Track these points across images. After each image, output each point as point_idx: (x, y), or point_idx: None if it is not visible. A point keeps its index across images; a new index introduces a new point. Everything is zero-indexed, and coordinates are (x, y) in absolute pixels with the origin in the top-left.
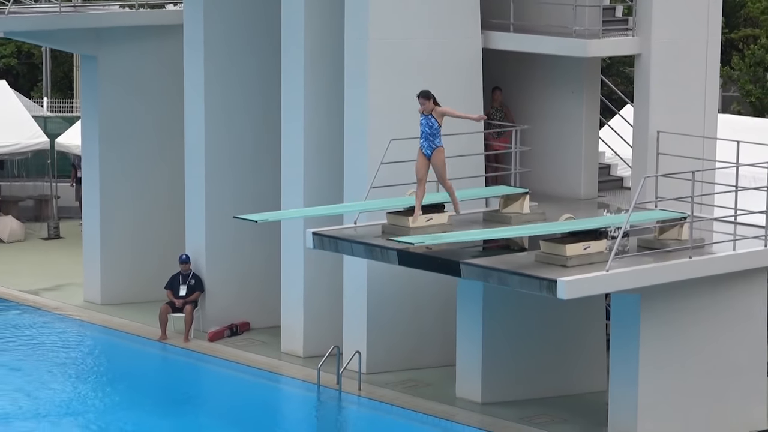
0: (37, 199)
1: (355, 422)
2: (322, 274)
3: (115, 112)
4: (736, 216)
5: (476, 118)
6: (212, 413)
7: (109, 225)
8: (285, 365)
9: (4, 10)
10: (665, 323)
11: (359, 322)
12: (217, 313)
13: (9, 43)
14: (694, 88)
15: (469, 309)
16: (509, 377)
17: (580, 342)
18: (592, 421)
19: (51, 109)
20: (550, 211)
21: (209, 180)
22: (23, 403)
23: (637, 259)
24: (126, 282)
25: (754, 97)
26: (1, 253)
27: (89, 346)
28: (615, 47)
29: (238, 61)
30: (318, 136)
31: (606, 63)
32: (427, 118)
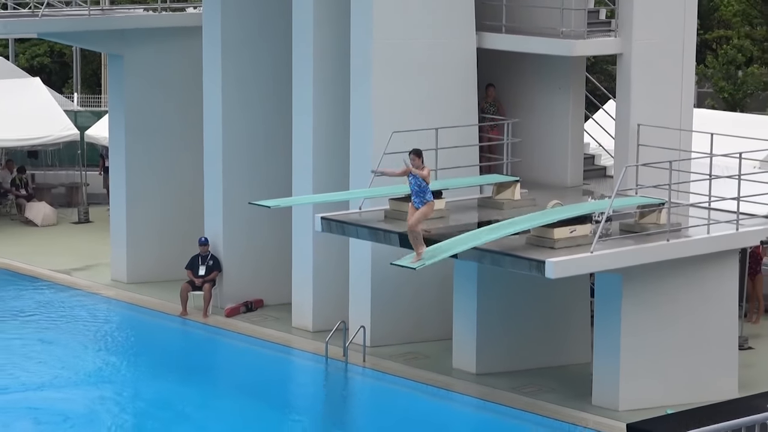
0: (68, 187)
1: (360, 391)
2: (330, 255)
3: (139, 106)
4: (710, 202)
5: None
6: (229, 382)
7: (134, 210)
8: (296, 339)
9: (38, 13)
10: (645, 301)
11: (364, 299)
12: (233, 291)
13: (42, 43)
14: (671, 84)
15: (465, 287)
16: (502, 350)
17: (567, 318)
18: (577, 390)
19: (81, 104)
20: (539, 197)
21: (226, 169)
22: (57, 372)
23: (619, 241)
24: (150, 262)
25: (727, 93)
26: (35, 236)
27: (116, 321)
28: (599, 47)
29: (253, 60)
30: (326, 128)
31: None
32: (415, 177)
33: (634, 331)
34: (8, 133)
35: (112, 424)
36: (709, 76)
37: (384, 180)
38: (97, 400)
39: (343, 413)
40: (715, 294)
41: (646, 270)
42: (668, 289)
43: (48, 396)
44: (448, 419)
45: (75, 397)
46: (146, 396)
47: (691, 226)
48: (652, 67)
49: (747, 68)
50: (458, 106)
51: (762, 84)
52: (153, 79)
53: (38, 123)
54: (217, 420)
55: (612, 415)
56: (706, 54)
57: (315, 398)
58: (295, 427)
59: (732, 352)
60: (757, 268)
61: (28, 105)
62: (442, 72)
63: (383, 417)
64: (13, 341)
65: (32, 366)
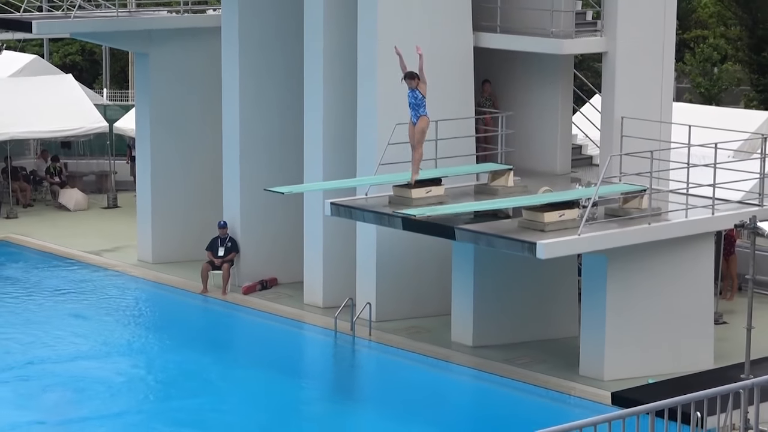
0: (98, 174)
1: (366, 363)
2: (338, 237)
3: (163, 100)
4: (687, 189)
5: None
6: (246, 354)
7: (158, 196)
8: (307, 314)
9: (70, 15)
10: (628, 279)
11: (370, 278)
12: (250, 270)
13: (74, 42)
14: (652, 80)
15: (463, 267)
16: (496, 324)
17: (556, 295)
18: (566, 361)
19: (110, 99)
20: (530, 184)
21: (243, 158)
22: (88, 345)
23: (604, 225)
24: (173, 244)
25: (703, 88)
26: (68, 220)
27: (143, 298)
28: (585, 46)
29: (268, 58)
30: (335, 121)
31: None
32: (412, 91)
33: (617, 307)
34: (43, 126)
35: (141, 392)
36: (687, 73)
37: (388, 168)
38: (126, 370)
39: (351, 382)
40: (693, 273)
41: (629, 251)
42: (649, 269)
43: (82, 366)
44: (447, 388)
45: (107, 367)
46: (171, 366)
47: (670, 210)
48: (635, 64)
49: (722, 65)
50: (456, 100)
51: (735, 80)
52: (176, 76)
53: (71, 116)
54: (235, 387)
55: (598, 384)
56: (684, 52)
57: (325, 369)
58: (307, 395)
59: (708, 327)
60: (731, 249)
61: (62, 100)
62: (441, 69)
63: (387, 386)
64: (50, 316)
65: (68, 338)
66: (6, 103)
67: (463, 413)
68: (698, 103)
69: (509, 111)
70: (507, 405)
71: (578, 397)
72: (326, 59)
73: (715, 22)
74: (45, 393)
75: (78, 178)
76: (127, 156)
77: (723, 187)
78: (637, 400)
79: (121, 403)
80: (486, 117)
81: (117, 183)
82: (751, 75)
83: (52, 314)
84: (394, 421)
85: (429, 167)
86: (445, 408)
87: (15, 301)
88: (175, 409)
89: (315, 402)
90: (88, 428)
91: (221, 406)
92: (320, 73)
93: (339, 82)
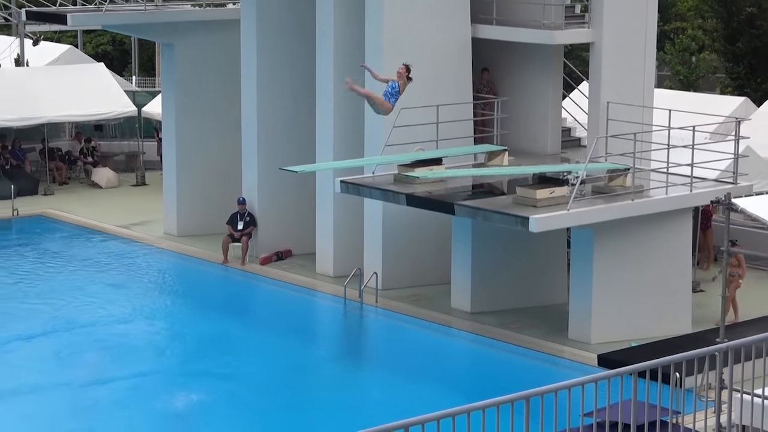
0: (128, 155)
1: (373, 327)
2: (348, 212)
3: (187, 86)
4: (668, 168)
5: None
6: (263, 319)
7: (183, 174)
8: (319, 283)
9: (102, 8)
10: (613, 251)
11: (376, 250)
12: (266, 242)
13: (106, 34)
14: (635, 68)
15: (461, 239)
16: (492, 292)
17: (547, 265)
18: (556, 326)
19: (138, 85)
20: (524, 163)
21: (261, 140)
22: (117, 311)
23: (592, 201)
24: (196, 218)
25: (682, 76)
26: (100, 196)
27: (168, 267)
28: (574, 37)
29: (284, 48)
30: (344, 106)
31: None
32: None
33: (603, 277)
34: (77, 110)
35: (168, 353)
36: (667, 62)
37: (394, 149)
38: (154, 333)
39: (359, 345)
40: (672, 245)
41: (614, 225)
42: (633, 242)
43: (114, 329)
44: (447, 350)
45: (136, 330)
46: (194, 330)
47: (652, 188)
48: (619, 54)
49: (699, 55)
50: (455, 87)
51: (712, 68)
52: (199, 64)
53: (102, 101)
54: (253, 350)
55: (585, 347)
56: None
57: (335, 333)
58: (319, 356)
59: (686, 295)
60: (708, 223)
61: (94, 86)
62: (442, 58)
63: (392, 348)
64: (86, 284)
65: (101, 304)
66: (43, 89)
67: (461, 373)
68: (678, 89)
69: (504, 96)
70: (501, 366)
71: (567, 359)
72: (336, 49)
73: (693, 15)
74: (82, 354)
75: (109, 158)
76: (156, 137)
77: (700, 166)
78: (621, 362)
79: (149, 362)
80: (484, 102)
81: (145, 162)
82: (726, 64)
83: (87, 282)
84: (399, 379)
85: (430, 148)
86: (445, 368)
87: (54, 270)
88: (197, 367)
89: (326, 362)
90: (123, 384)
91: (240, 365)
92: (331, 62)
93: (348, 71)
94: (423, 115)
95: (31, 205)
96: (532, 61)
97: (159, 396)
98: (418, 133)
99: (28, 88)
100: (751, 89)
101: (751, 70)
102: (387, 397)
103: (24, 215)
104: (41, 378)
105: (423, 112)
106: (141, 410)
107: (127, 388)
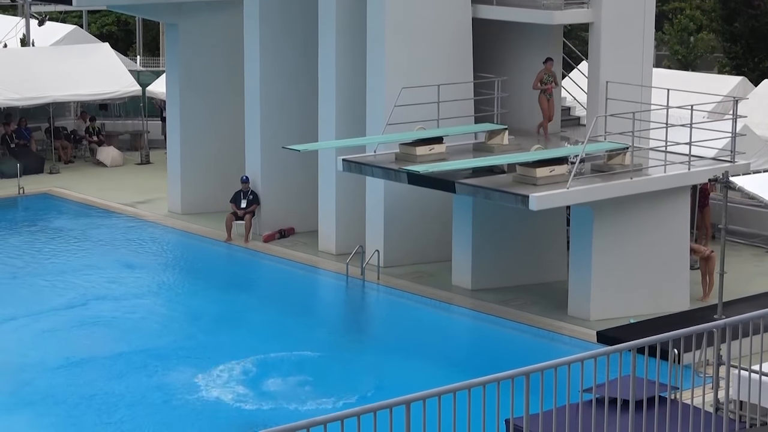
0: (132, 134)
1: (375, 304)
2: (350, 190)
3: (191, 66)
4: (666, 146)
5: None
6: (266, 295)
7: (186, 153)
8: (321, 260)
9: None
10: (612, 229)
11: (378, 227)
12: (269, 220)
13: (111, 14)
14: (634, 48)
15: (462, 217)
16: (493, 269)
17: (547, 243)
18: (555, 303)
19: (142, 65)
20: (524, 142)
21: (264, 119)
22: (123, 286)
23: (591, 179)
24: (200, 197)
25: (680, 56)
26: (106, 175)
27: (172, 245)
28: (574, 17)
29: (286, 27)
30: (346, 85)
31: (567, 29)
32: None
33: (602, 254)
34: (83, 89)
35: (173, 327)
36: (665, 41)
37: (394, 128)
38: (159, 308)
39: (361, 322)
40: (671, 223)
41: (613, 203)
42: (632, 220)
43: (117, 306)
44: (448, 327)
45: (142, 306)
46: (199, 305)
47: (650, 166)
48: (618, 34)
49: (697, 35)
50: (456, 66)
51: (710, 48)
52: (203, 44)
53: (107, 81)
54: (256, 325)
55: (584, 324)
56: (663, 22)
57: (337, 309)
58: (322, 332)
59: (684, 272)
60: (705, 201)
61: (99, 66)
62: (443, 38)
63: (394, 325)
64: (90, 262)
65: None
66: (48, 69)
67: (462, 350)
68: (676, 69)
69: (504, 76)
70: (502, 342)
71: (567, 336)
72: (339, 29)
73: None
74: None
75: (114, 137)
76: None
77: (698, 145)
78: (620, 338)
79: (154, 338)
80: (548, 87)
81: (149, 141)
82: (724, 43)
83: (94, 259)
84: (400, 356)
85: (431, 127)
86: (446, 345)
87: (59, 247)
88: (201, 343)
89: (328, 338)
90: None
91: (243, 341)
92: (333, 42)
93: (350, 50)
94: (424, 95)
95: (36, 184)
96: (531, 41)
97: (164, 371)
98: (420, 112)
99: (34, 68)
100: (748, 69)
101: (748, 50)
102: (388, 373)
103: (30, 193)
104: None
105: (424, 91)
106: (146, 385)
107: (132, 363)
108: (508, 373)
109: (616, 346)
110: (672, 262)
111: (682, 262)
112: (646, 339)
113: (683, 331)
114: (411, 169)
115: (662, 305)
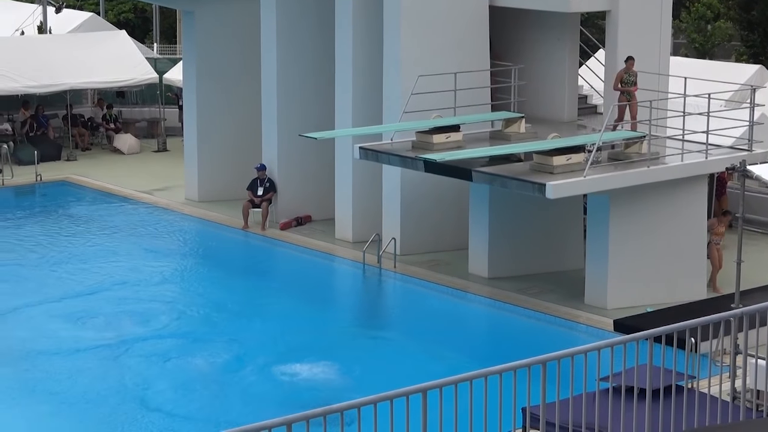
0: (149, 121)
1: (391, 292)
2: (366, 178)
3: (208, 54)
4: (683, 135)
5: None
6: (283, 283)
7: (203, 140)
8: (338, 248)
9: None
10: (629, 218)
11: (395, 216)
12: (286, 208)
13: (127, 1)
14: (651, 36)
15: (479, 206)
16: (509, 258)
17: (564, 231)
18: (572, 291)
19: (159, 52)
20: (540, 130)
21: (280, 107)
22: (141, 273)
23: (607, 168)
24: (217, 184)
25: (698, 44)
26: (123, 162)
27: (190, 232)
28: (591, 4)
29: (302, 15)
30: (363, 73)
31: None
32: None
33: (619, 243)
34: (100, 77)
35: (190, 313)
36: (683, 30)
37: (411, 116)
38: (176, 294)
39: (378, 309)
40: (687, 212)
41: (630, 192)
42: (648, 208)
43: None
44: (464, 315)
45: (159, 292)
46: (216, 292)
47: (667, 155)
48: (636, 22)
49: (715, 23)
50: (473, 54)
51: (727, 36)
52: (219, 31)
53: (124, 68)
54: (273, 312)
55: (601, 312)
56: (680, 10)
57: (354, 297)
58: (339, 319)
59: (701, 261)
60: (722, 190)
61: (116, 53)
62: (460, 26)
63: (411, 313)
64: (108, 249)
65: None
66: (65, 56)
67: (478, 338)
68: (693, 57)
69: (521, 64)
70: (519, 331)
71: (583, 324)
72: (355, 17)
73: None
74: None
75: (131, 125)
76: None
77: (715, 133)
78: (637, 327)
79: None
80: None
81: (166, 129)
82: (741, 32)
83: (111, 246)
84: (416, 344)
85: (448, 115)
86: (463, 333)
87: (77, 234)
88: (219, 330)
89: (344, 326)
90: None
91: (260, 328)
92: (350, 30)
93: (367, 38)
94: (441, 83)
95: (54, 171)
96: (548, 29)
97: (182, 357)
98: (436, 100)
99: (51, 55)
100: (766, 57)
101: (766, 38)
102: (404, 362)
103: (47, 181)
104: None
105: (440, 80)
106: (164, 370)
107: (150, 348)
108: (525, 361)
109: (633, 335)
110: (689, 250)
111: (699, 250)
112: (663, 328)
113: (700, 320)
114: (428, 157)
115: (679, 294)
